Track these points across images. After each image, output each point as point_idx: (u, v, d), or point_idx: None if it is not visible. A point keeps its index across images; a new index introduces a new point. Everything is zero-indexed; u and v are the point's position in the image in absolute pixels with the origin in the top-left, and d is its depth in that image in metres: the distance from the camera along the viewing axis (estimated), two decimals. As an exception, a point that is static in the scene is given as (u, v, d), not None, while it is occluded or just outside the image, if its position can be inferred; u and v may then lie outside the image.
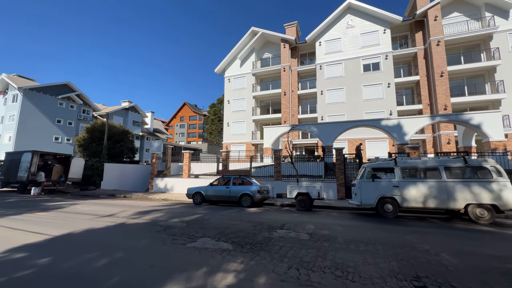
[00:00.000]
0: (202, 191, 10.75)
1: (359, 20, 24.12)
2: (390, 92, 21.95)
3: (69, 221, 6.64)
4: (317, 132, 16.36)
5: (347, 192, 11.74)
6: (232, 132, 28.21)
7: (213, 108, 52.45)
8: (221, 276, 3.09)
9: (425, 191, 7.33)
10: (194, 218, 7.09)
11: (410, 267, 3.42)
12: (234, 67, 29.64)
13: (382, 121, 15.03)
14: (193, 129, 72.74)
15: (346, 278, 3.04)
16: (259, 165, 16.54)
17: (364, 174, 8.19)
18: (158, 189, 15.86)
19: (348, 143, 22.21)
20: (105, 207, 9.41)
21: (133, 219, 6.99)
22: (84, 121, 34.05)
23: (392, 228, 6.06)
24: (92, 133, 20.62)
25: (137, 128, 40.63)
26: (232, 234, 5.21)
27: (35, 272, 3.27)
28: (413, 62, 23.81)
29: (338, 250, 4.18)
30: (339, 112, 23.34)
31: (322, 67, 24.83)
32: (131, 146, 22.82)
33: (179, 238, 4.89)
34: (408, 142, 14.11)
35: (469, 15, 21.12)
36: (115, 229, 5.80)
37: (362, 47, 23.58)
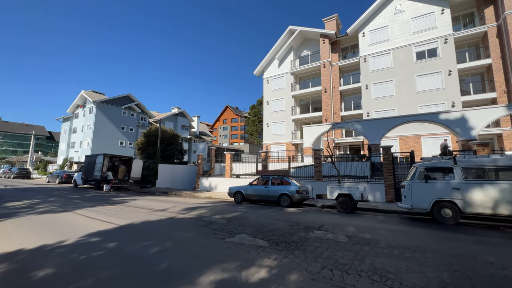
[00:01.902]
0: (242, 190, 11.18)
1: (409, 3, 21.64)
2: (452, 80, 19.07)
3: (131, 213, 7.74)
4: (361, 130, 15.31)
5: (397, 194, 10.69)
6: (272, 132, 28.40)
7: (253, 109, 53.62)
8: (254, 270, 3.25)
9: (496, 194, 6.21)
10: (234, 216, 7.47)
11: (465, 279, 3.01)
12: (272, 68, 29.83)
13: (441, 114, 13.20)
14: (235, 131, 75.63)
15: (385, 284, 2.87)
16: (299, 165, 16.32)
17: (415, 175, 7.38)
18: (203, 187, 17.06)
19: (399, 141, 20.13)
20: (159, 202, 10.61)
21: (181, 214, 7.75)
22: (142, 127, 38.76)
23: (449, 235, 5.35)
24: (148, 138, 23.36)
25: (185, 131, 44.32)
26: (268, 232, 5.35)
27: (106, 253, 3.98)
28: (482, 44, 20.23)
29: (379, 254, 3.92)
30: (388, 107, 21.33)
31: (367, 59, 23.06)
32: (180, 148, 25.04)
33: (219, 233, 5.26)
34: (476, 137, 12.07)
35: (562, -23, 16.93)
36: (166, 222, 6.53)
37: (414, 32, 21.08)
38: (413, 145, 19.42)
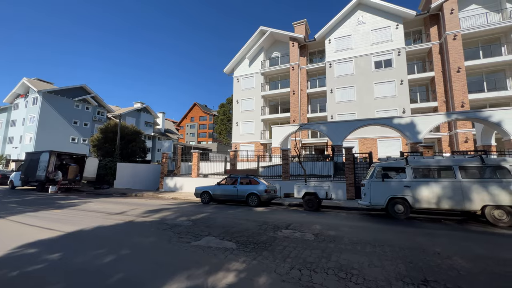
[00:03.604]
0: (209, 190, 10.84)
1: (370, 16, 23.51)
2: (403, 89, 21.25)
3: (81, 218, 6.88)
4: (326, 131, 16.09)
5: (357, 192, 11.47)
6: (241, 131, 28.30)
7: (222, 108, 52.86)
8: (222, 275, 3.08)
9: (439, 191, 7.03)
10: (200, 217, 7.15)
11: (419, 270, 3.28)
12: (242, 67, 29.70)
13: (394, 119, 14.57)
14: (203, 129, 73.63)
15: (350, 280, 2.96)
16: (267, 164, 16.49)
17: (373, 174, 7.96)
18: (168, 188, 16.15)
19: (359, 142, 21.72)
20: (116, 205, 9.68)
21: (142, 217, 7.15)
22: (99, 122, 35.25)
23: (402, 229, 5.86)
24: (105, 134, 21.29)
25: (149, 128, 41.62)
26: (236, 233, 5.21)
27: (46, 266, 3.40)
28: (427, 58, 22.94)
29: (344, 251, 4.08)
30: (350, 111, 22.87)
31: (332, 65, 24.40)
32: (143, 146, 23.37)
33: (184, 237, 4.95)
34: (422, 141, 13.59)
35: (488, 7, 20.09)
36: (124, 227, 5.94)
37: (374, 43, 22.97)
38: (371, 147, 21.15)
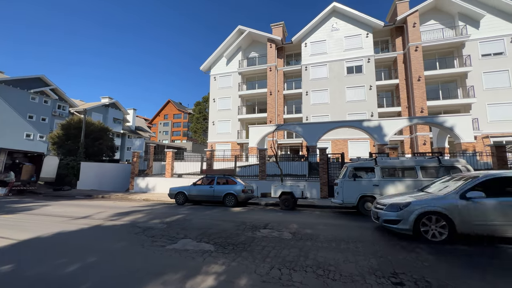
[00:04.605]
0: (185, 191, 10.49)
1: (343, 24, 24.72)
2: (372, 94, 22.72)
3: (38, 223, 6.19)
4: (301, 132, 16.56)
5: (330, 191, 11.98)
6: (218, 131, 27.89)
7: (198, 106, 51.57)
8: (201, 279, 2.99)
9: (403, 189, 7.62)
10: (175, 219, 6.88)
11: (389, 264, 3.51)
12: (220, 65, 29.29)
13: (364, 122, 15.51)
14: (177, 128, 71.10)
15: (327, 276, 3.06)
16: (244, 164, 16.46)
17: (346, 174, 8.38)
18: (139, 189, 15.30)
19: (331, 143, 22.72)
20: (80, 208, 8.90)
21: (110, 220, 6.66)
22: (60, 118, 32.10)
23: (371, 226, 6.24)
24: (67, 130, 19.47)
25: (118, 125, 38.99)
26: (214, 235, 5.10)
27: (-5, 280, 2.99)
28: (393, 66, 24.81)
29: (320, 249, 4.21)
30: (323, 113, 23.81)
31: (308, 68, 25.19)
32: (111, 144, 21.82)
33: (158, 240, 4.71)
34: (388, 142, 14.66)
35: (444, 23, 22.36)
36: (90, 232, 5.48)
37: (346, 49, 24.20)
38: (342, 148, 22.26)
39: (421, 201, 5.00)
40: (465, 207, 4.61)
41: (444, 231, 4.64)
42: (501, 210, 4.50)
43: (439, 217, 4.71)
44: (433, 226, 4.73)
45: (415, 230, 4.79)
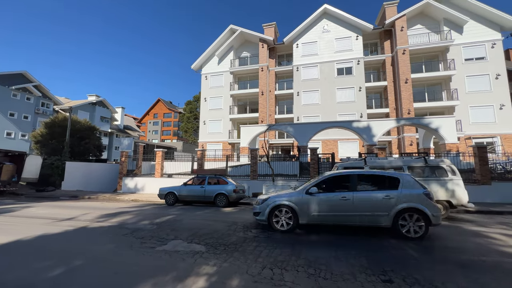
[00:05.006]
0: (175, 191, 10.32)
1: (334, 26, 25.08)
2: (361, 95, 23.17)
3: (19, 226, 5.92)
4: (293, 132, 16.67)
5: (321, 190, 12.11)
6: (209, 130, 27.65)
7: (189, 105, 50.97)
8: (192, 281, 2.94)
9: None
10: (165, 220, 6.75)
11: (378, 262, 3.58)
12: (211, 65, 29.06)
13: (353, 123, 15.79)
14: (167, 127, 69.96)
15: (319, 275, 3.08)
16: (235, 164, 16.41)
17: (336, 173, 8.50)
18: (127, 189, 14.93)
19: (322, 144, 23.00)
20: (64, 209, 8.58)
21: (97, 222, 6.46)
22: (43, 116, 30.88)
23: (361, 224, 6.35)
24: (52, 129, 18.75)
25: (106, 124, 37.94)
26: (205, 236, 5.04)
27: (-29, 287, 2.82)
28: (381, 68, 25.40)
29: (312, 248, 4.25)
30: (314, 113, 24.07)
31: (299, 68, 25.39)
32: (98, 143, 21.20)
33: (148, 241, 4.61)
34: (377, 143, 14.99)
35: (430, 28, 23.11)
36: (75, 234, 5.29)
37: (337, 51, 24.57)
38: (332, 148, 22.59)
39: (277, 196, 5.79)
40: (306, 201, 5.45)
41: (290, 221, 5.44)
42: (326, 203, 5.37)
43: (287, 209, 5.51)
44: (283, 217, 5.51)
45: (269, 220, 5.56)
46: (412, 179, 5.34)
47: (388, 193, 5.15)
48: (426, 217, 4.87)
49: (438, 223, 4.95)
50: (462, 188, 7.37)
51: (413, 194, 5.08)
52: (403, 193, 5.11)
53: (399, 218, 4.97)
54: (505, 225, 6.25)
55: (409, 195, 5.07)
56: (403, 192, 5.11)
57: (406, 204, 4.97)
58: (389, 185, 5.29)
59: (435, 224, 4.95)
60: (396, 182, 5.26)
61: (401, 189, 5.15)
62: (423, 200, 4.98)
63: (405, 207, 4.95)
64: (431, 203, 4.99)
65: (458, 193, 7.31)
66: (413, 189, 5.15)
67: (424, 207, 4.90)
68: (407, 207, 4.95)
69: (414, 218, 4.92)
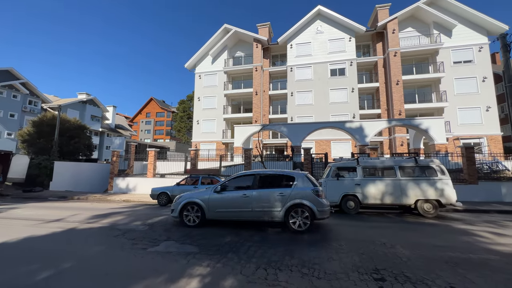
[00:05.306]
0: (168, 191, 10.19)
1: (327, 27, 25.32)
2: (354, 96, 23.47)
3: (4, 228, 5.71)
4: (286, 132, 16.73)
5: (314, 190, 12.19)
6: (202, 130, 27.45)
7: (182, 105, 50.50)
8: (184, 282, 2.90)
9: (383, 188, 7.94)
10: (158, 220, 6.66)
11: (370, 260, 3.63)
12: (205, 64, 28.85)
13: (346, 123, 15.97)
14: (160, 126, 69.08)
15: (312, 275, 3.10)
16: (229, 164, 16.34)
17: (329, 173, 8.58)
18: (118, 189, 14.65)
19: (315, 144, 23.18)
20: (53, 210, 8.34)
21: (87, 223, 6.31)
22: (31, 114, 29.97)
23: (353, 223, 6.44)
24: (40, 128, 18.21)
25: (96, 123, 37.12)
26: (198, 236, 4.99)
27: (-48, 292, 2.70)
28: (374, 70, 25.80)
29: (305, 247, 4.26)
30: (308, 114, 24.22)
31: (293, 69, 25.51)
32: (88, 143, 20.72)
33: (139, 243, 4.53)
34: (369, 143, 15.21)
35: (420, 31, 23.62)
36: (64, 236, 5.14)
37: (330, 52, 24.80)
38: (325, 148, 22.79)
39: (189, 194, 6.20)
40: (213, 199, 5.91)
41: (198, 218, 5.86)
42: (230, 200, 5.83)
43: (196, 206, 5.91)
44: (192, 214, 5.90)
45: (181, 217, 5.93)
46: (306, 178, 5.78)
47: (282, 190, 5.62)
48: (311, 212, 5.35)
49: (322, 217, 5.47)
50: (451, 187, 7.55)
51: (303, 191, 5.55)
52: (295, 190, 5.58)
53: (289, 213, 5.44)
54: (491, 223, 6.44)
55: (299, 193, 5.54)
56: (295, 190, 5.59)
57: (295, 201, 5.45)
58: (285, 184, 5.78)
59: (320, 218, 5.47)
60: (291, 181, 5.74)
61: (295, 187, 5.64)
62: (311, 197, 5.47)
63: (294, 203, 5.44)
64: (317, 199, 5.46)
65: (447, 192, 7.49)
66: (304, 187, 5.61)
67: (310, 203, 5.40)
68: (296, 203, 5.44)
69: (301, 213, 5.41)
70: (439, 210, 7.59)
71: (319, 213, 5.38)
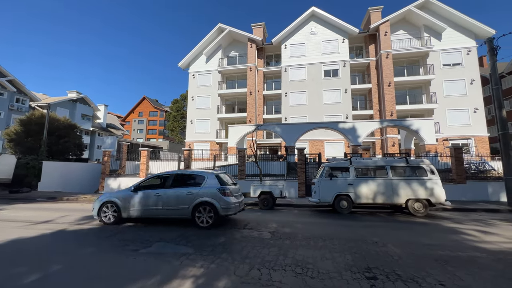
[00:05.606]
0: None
1: (321, 28, 25.53)
2: (347, 97, 23.75)
3: (-9, 230, 5.53)
4: (280, 133, 16.79)
5: (307, 190, 12.28)
6: (196, 130, 27.24)
7: (175, 104, 49.99)
8: (177, 283, 2.88)
9: (375, 188, 8.06)
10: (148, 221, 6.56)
11: (362, 259, 3.68)
12: (199, 63, 28.64)
13: (339, 124, 16.15)
14: (153, 126, 68.21)
15: (306, 274, 3.12)
16: (223, 164, 16.28)
17: (323, 173, 8.65)
18: (110, 190, 14.35)
19: (309, 144, 23.34)
20: (41, 212, 8.12)
21: (77, 224, 6.17)
22: (18, 112, 29.09)
23: (346, 223, 6.52)
24: (27, 126, 17.69)
25: (87, 122, 36.36)
26: (192, 237, 4.96)
27: None
28: (366, 71, 26.18)
29: (299, 247, 4.29)
30: (302, 114, 24.37)
31: (287, 69, 25.61)
32: (78, 142, 20.26)
33: (131, 244, 4.46)
34: (361, 143, 15.42)
35: (412, 33, 24.11)
36: (53, 238, 5.02)
37: (324, 53, 25.02)
38: (319, 148, 22.98)
39: (109, 193, 6.52)
40: (129, 198, 6.17)
41: (115, 216, 6.07)
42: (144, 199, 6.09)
43: (113, 205, 6.17)
44: (109, 212, 6.13)
45: (99, 215, 6.15)
46: (215, 178, 6.11)
47: (190, 189, 5.98)
48: (215, 209, 5.69)
49: (226, 214, 5.81)
50: (440, 187, 7.74)
51: (209, 190, 5.89)
52: (202, 189, 5.94)
53: (196, 210, 5.79)
54: (479, 222, 6.64)
55: (206, 191, 5.89)
56: (203, 189, 5.94)
57: (202, 199, 5.81)
58: (196, 183, 6.11)
59: (223, 215, 5.81)
60: (202, 180, 6.08)
61: (203, 186, 5.99)
62: (216, 195, 5.81)
63: (200, 201, 5.80)
64: (222, 197, 5.80)
65: (437, 192, 7.67)
66: (211, 186, 5.95)
67: (214, 201, 5.75)
68: (202, 201, 5.80)
69: (207, 210, 5.75)
70: (429, 209, 7.76)
71: (223, 210, 5.71)
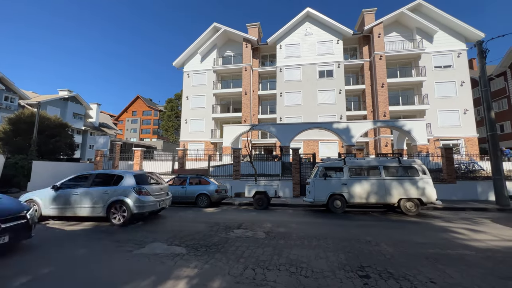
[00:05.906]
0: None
1: (316, 29, 25.71)
2: (341, 98, 23.98)
3: (-22, 232, 5.36)
4: (275, 133, 16.84)
5: (302, 190, 12.37)
6: (190, 129, 27.06)
7: (170, 103, 49.57)
8: (171, 284, 2.86)
9: (368, 188, 8.18)
10: (143, 221, 6.49)
11: (356, 258, 3.73)
12: (194, 62, 28.45)
13: (334, 124, 16.30)
14: (146, 125, 67.43)
15: (300, 274, 3.14)
16: (218, 164, 16.21)
17: (317, 173, 8.72)
18: (102, 190, 14.16)
19: (303, 144, 23.48)
20: (31, 213, 7.92)
21: (68, 226, 6.05)
22: (7, 111, 28.33)
23: (340, 223, 6.58)
24: (16, 125, 17.22)
25: (79, 121, 35.68)
26: (186, 237, 4.93)
27: None
28: (360, 72, 26.48)
29: (293, 247, 4.31)
30: (296, 114, 24.50)
31: (282, 69, 25.70)
32: (70, 141, 19.83)
33: (124, 245, 4.40)
34: (355, 144, 15.60)
35: (404, 36, 24.52)
36: (43, 239, 4.90)
37: (318, 54, 25.20)
38: (313, 148, 23.15)
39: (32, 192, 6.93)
40: (49, 196, 6.48)
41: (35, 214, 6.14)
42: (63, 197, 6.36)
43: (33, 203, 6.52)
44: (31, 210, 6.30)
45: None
46: (132, 178, 6.26)
47: (107, 188, 6.17)
48: (129, 207, 5.87)
49: (140, 212, 5.97)
50: (431, 186, 7.90)
51: (124, 189, 6.06)
52: (119, 188, 6.10)
53: (111, 208, 5.97)
54: (468, 220, 6.80)
55: (121, 190, 6.06)
56: (119, 188, 6.11)
57: (116, 197, 5.99)
58: (115, 182, 6.26)
59: (137, 213, 5.94)
60: (120, 180, 6.23)
61: (120, 185, 6.15)
62: (130, 194, 5.98)
63: (114, 200, 5.99)
64: (137, 196, 5.98)
65: (428, 191, 7.83)
66: (128, 186, 6.12)
67: (128, 199, 5.93)
68: (116, 199, 5.98)
69: (121, 208, 5.93)
70: (420, 208, 7.91)
71: (136, 208, 5.88)
